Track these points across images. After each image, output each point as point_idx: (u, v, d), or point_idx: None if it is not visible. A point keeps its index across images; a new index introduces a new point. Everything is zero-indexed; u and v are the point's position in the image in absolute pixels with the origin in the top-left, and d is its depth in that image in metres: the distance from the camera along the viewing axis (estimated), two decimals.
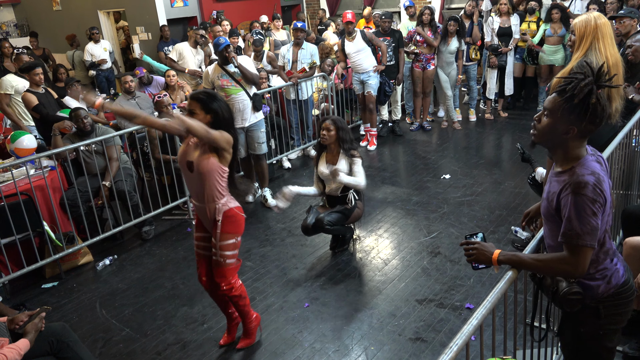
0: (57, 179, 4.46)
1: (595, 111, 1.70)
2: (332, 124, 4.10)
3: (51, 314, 3.72)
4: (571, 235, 1.74)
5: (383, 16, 6.87)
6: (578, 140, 1.78)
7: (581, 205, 1.71)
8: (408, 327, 3.27)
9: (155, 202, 5.00)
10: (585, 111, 1.70)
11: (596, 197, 1.70)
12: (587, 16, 3.16)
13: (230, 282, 2.99)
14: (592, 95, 1.69)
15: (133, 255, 4.59)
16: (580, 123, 1.73)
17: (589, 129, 1.75)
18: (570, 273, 1.80)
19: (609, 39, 3.12)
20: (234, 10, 10.10)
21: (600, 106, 1.70)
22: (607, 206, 1.78)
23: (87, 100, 3.76)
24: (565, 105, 1.73)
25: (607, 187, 1.77)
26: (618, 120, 3.34)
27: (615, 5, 6.27)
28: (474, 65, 7.27)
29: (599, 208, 1.71)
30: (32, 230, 4.09)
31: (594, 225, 1.71)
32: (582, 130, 1.75)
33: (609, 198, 1.78)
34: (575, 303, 1.87)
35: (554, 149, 1.84)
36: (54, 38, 10.95)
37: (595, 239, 1.74)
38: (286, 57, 6.41)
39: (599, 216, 1.72)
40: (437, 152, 6.48)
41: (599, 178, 1.72)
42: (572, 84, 1.73)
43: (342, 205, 4.18)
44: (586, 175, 1.72)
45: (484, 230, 4.36)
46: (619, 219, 3.53)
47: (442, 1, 9.95)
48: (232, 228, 2.94)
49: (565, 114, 1.74)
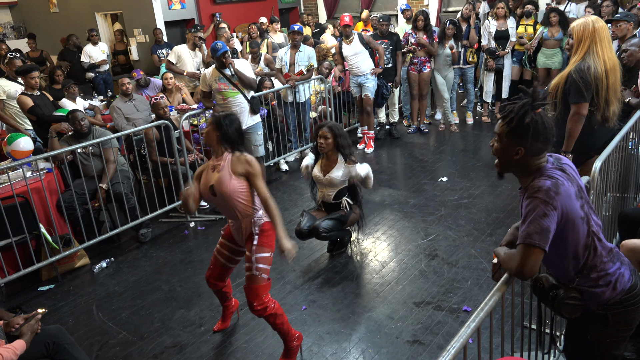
0: (54, 181, 4.45)
1: (537, 130, 1.76)
2: (329, 132, 3.98)
3: (47, 316, 3.70)
4: (522, 235, 1.77)
5: (381, 19, 6.89)
6: (531, 159, 1.83)
7: (533, 206, 1.75)
8: (406, 329, 3.27)
9: (153, 204, 4.99)
10: (526, 131, 1.77)
11: (549, 200, 1.73)
12: (585, 20, 3.18)
13: (263, 302, 2.89)
14: (526, 116, 1.75)
15: (130, 258, 4.58)
16: (525, 143, 1.79)
17: (537, 147, 1.80)
18: (517, 271, 1.78)
19: (607, 42, 3.14)
20: (231, 13, 10.10)
21: (541, 125, 1.76)
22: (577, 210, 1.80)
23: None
24: (507, 128, 1.81)
25: (572, 190, 1.79)
26: (615, 123, 3.36)
27: (610, 9, 6.29)
28: (470, 68, 7.28)
29: (551, 210, 1.73)
30: (28, 232, 4.08)
31: (544, 226, 1.73)
32: (530, 150, 1.81)
33: (576, 202, 1.80)
34: (574, 309, 1.87)
35: (513, 171, 1.90)
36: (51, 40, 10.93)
37: (545, 240, 1.74)
38: (284, 59, 6.42)
39: (551, 218, 1.73)
40: (435, 155, 6.49)
41: (556, 183, 1.76)
42: (511, 108, 1.79)
43: (337, 211, 4.17)
44: (542, 180, 1.78)
45: (482, 233, 4.37)
46: (615, 222, 3.54)
47: (439, 4, 9.98)
48: (267, 242, 2.93)
49: (509, 136, 1.81)
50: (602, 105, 3.20)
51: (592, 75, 3.11)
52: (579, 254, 1.85)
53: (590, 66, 3.12)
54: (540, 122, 1.77)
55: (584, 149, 3.35)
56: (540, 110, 1.77)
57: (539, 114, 1.77)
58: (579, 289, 1.89)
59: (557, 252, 1.87)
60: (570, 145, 3.31)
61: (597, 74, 3.11)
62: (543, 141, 1.79)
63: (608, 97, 3.17)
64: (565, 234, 1.81)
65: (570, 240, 1.83)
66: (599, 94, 3.16)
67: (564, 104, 3.26)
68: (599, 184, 2.91)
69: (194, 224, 5.13)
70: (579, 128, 3.23)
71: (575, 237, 1.83)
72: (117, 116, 5.79)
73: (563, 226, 1.79)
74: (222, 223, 5.11)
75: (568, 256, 1.86)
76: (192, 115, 5.52)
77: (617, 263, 1.90)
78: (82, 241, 4.49)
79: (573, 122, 3.23)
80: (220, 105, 5.10)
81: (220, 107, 5.08)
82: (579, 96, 3.15)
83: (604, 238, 1.94)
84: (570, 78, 3.17)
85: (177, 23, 9.73)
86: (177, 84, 6.67)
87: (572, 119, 3.23)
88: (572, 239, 1.82)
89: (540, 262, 1.76)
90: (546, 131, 1.78)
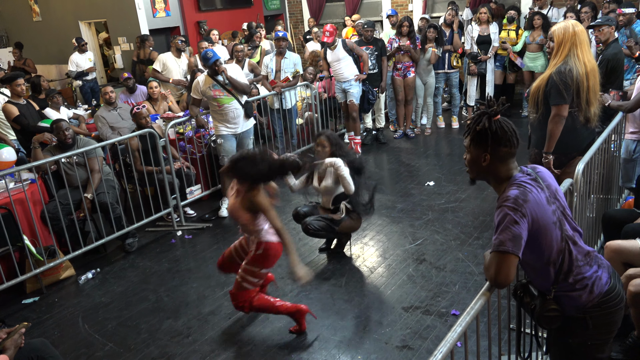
0: (38, 191, 4.39)
1: (496, 135, 1.83)
2: (326, 140, 4.09)
3: (32, 329, 3.64)
4: (494, 243, 1.79)
5: (365, 25, 6.93)
6: (500, 164, 1.89)
7: (503, 215, 1.78)
8: (395, 335, 3.26)
9: (139, 213, 4.94)
10: (486, 138, 1.84)
11: (517, 207, 1.77)
12: (566, 23, 3.23)
13: (239, 304, 3.29)
14: (480, 124, 1.84)
15: (116, 268, 4.53)
16: (488, 148, 1.86)
17: (503, 151, 1.86)
18: (492, 279, 1.80)
19: (586, 45, 3.19)
20: (216, 20, 10.09)
21: (500, 130, 1.83)
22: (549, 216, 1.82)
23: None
24: (470, 137, 1.90)
25: (542, 196, 1.83)
26: (597, 125, 3.41)
27: (589, 14, 6.40)
28: (455, 73, 7.35)
29: (520, 217, 1.76)
30: (11, 244, 4.01)
31: (515, 233, 1.76)
32: (496, 155, 1.87)
33: (547, 208, 1.82)
34: (553, 320, 1.89)
35: (485, 179, 1.97)
36: (35, 49, 10.84)
37: (518, 246, 1.76)
38: (269, 66, 6.42)
39: (521, 225, 1.76)
40: (421, 159, 6.53)
41: (524, 191, 1.80)
42: (472, 118, 1.89)
43: (334, 213, 4.20)
44: (511, 190, 1.82)
45: (469, 237, 4.40)
46: (600, 223, 3.58)
47: (423, 9, 10.06)
48: (261, 261, 3.21)
49: (474, 144, 1.90)
50: (584, 107, 3.24)
51: (574, 77, 3.16)
52: (554, 259, 1.87)
53: (572, 68, 3.17)
54: (499, 127, 1.83)
55: (567, 149, 3.39)
56: (498, 117, 1.85)
57: (497, 121, 1.84)
58: (557, 296, 1.90)
59: (532, 259, 1.90)
60: (551, 146, 3.35)
61: (578, 76, 3.16)
62: (505, 145, 1.85)
63: (589, 98, 3.21)
64: (539, 240, 1.83)
65: (544, 246, 1.85)
66: (580, 96, 3.21)
67: (545, 105, 3.30)
68: (582, 186, 2.95)
69: (181, 232, 5.10)
70: (560, 129, 3.28)
71: (548, 243, 1.84)
72: (102, 125, 5.75)
73: (535, 233, 1.81)
74: (209, 231, 5.08)
75: (543, 262, 1.88)
76: (178, 123, 5.50)
77: (594, 266, 1.92)
78: (67, 252, 4.43)
79: (554, 124, 3.27)
80: (216, 112, 5.09)
81: (216, 113, 5.08)
82: (559, 98, 3.20)
83: (582, 242, 1.95)
84: (551, 80, 3.21)
85: (162, 31, 9.70)
86: (163, 92, 6.64)
87: (553, 121, 3.27)
88: (545, 244, 1.85)
89: (514, 269, 1.77)
90: (506, 135, 1.84)
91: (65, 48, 9.82)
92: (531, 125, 3.55)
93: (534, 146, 3.53)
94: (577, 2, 7.34)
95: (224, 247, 4.68)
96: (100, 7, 9.67)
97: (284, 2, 12.03)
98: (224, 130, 5.11)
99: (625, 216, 3.28)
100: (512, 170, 1.90)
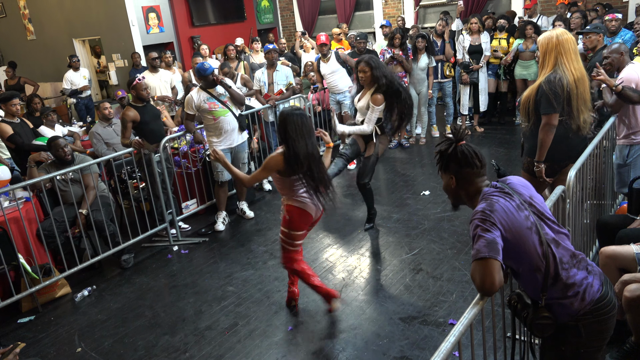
0: (32, 210, 4.38)
1: (456, 158, 1.99)
2: (366, 65, 4.41)
3: (28, 348, 3.62)
4: (472, 255, 1.83)
5: (358, 37, 6.99)
6: (468, 185, 2.03)
7: (474, 227, 1.87)
8: (392, 346, 3.25)
9: (135, 229, 4.93)
10: (449, 162, 2.02)
11: (485, 218, 1.85)
12: (550, 33, 3.26)
13: (282, 262, 3.62)
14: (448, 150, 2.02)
15: (112, 285, 4.51)
16: (452, 171, 2.02)
17: (467, 172, 2.00)
18: (480, 287, 1.80)
19: (572, 54, 3.21)
20: (210, 35, 10.16)
21: (461, 153, 1.99)
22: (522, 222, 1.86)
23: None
24: (439, 166, 2.08)
25: (511, 205, 1.88)
26: (589, 131, 3.42)
27: (579, 22, 6.47)
28: (449, 82, 7.40)
29: (490, 225, 1.83)
30: (6, 263, 4.00)
31: (489, 239, 1.81)
32: (462, 176, 2.01)
33: (518, 214, 1.87)
34: (545, 328, 1.90)
35: (461, 199, 2.09)
36: (30, 67, 10.87)
37: (495, 250, 1.78)
38: (261, 80, 6.45)
39: (493, 232, 1.82)
40: (416, 169, 6.55)
41: (490, 202, 1.89)
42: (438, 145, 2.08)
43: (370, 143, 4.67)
44: (479, 205, 1.93)
45: (465, 245, 4.40)
46: (594, 230, 3.58)
47: (415, 19, 10.15)
48: (285, 221, 3.49)
49: (442, 169, 2.07)
50: (575, 115, 3.26)
51: (564, 86, 3.18)
52: (537, 264, 1.88)
53: (562, 77, 3.19)
54: (461, 151, 1.99)
55: (560, 157, 3.40)
56: (463, 142, 2.01)
57: (461, 146, 2.00)
58: (548, 304, 1.91)
59: (517, 267, 1.93)
60: (542, 155, 3.37)
61: (568, 85, 3.18)
62: (468, 165, 1.98)
63: (578, 106, 3.24)
64: (517, 247, 1.86)
65: (523, 253, 1.87)
66: (570, 104, 3.23)
67: (536, 115, 3.32)
68: (575, 192, 2.96)
69: (177, 247, 5.08)
70: (550, 138, 3.29)
71: (527, 248, 1.87)
72: (97, 142, 5.75)
73: (512, 240, 1.85)
74: (205, 245, 5.07)
75: (527, 269, 1.90)
76: (173, 139, 5.51)
77: (582, 271, 1.92)
78: (62, 270, 4.42)
79: (544, 133, 3.29)
80: (211, 126, 5.09)
81: (211, 127, 5.09)
82: (549, 107, 3.22)
83: (568, 243, 1.97)
84: (541, 89, 3.24)
85: (156, 47, 9.73)
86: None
87: (543, 130, 3.29)
88: (524, 250, 1.87)
89: (499, 274, 1.77)
90: (467, 157, 1.98)
91: (60, 66, 9.86)
92: (523, 134, 3.57)
93: (527, 155, 3.55)
94: (566, 10, 7.43)
95: (220, 261, 4.67)
96: (94, 24, 9.72)
97: (277, 15, 12.12)
98: (219, 145, 5.10)
99: (619, 222, 3.28)
100: (481, 187, 2.01)
